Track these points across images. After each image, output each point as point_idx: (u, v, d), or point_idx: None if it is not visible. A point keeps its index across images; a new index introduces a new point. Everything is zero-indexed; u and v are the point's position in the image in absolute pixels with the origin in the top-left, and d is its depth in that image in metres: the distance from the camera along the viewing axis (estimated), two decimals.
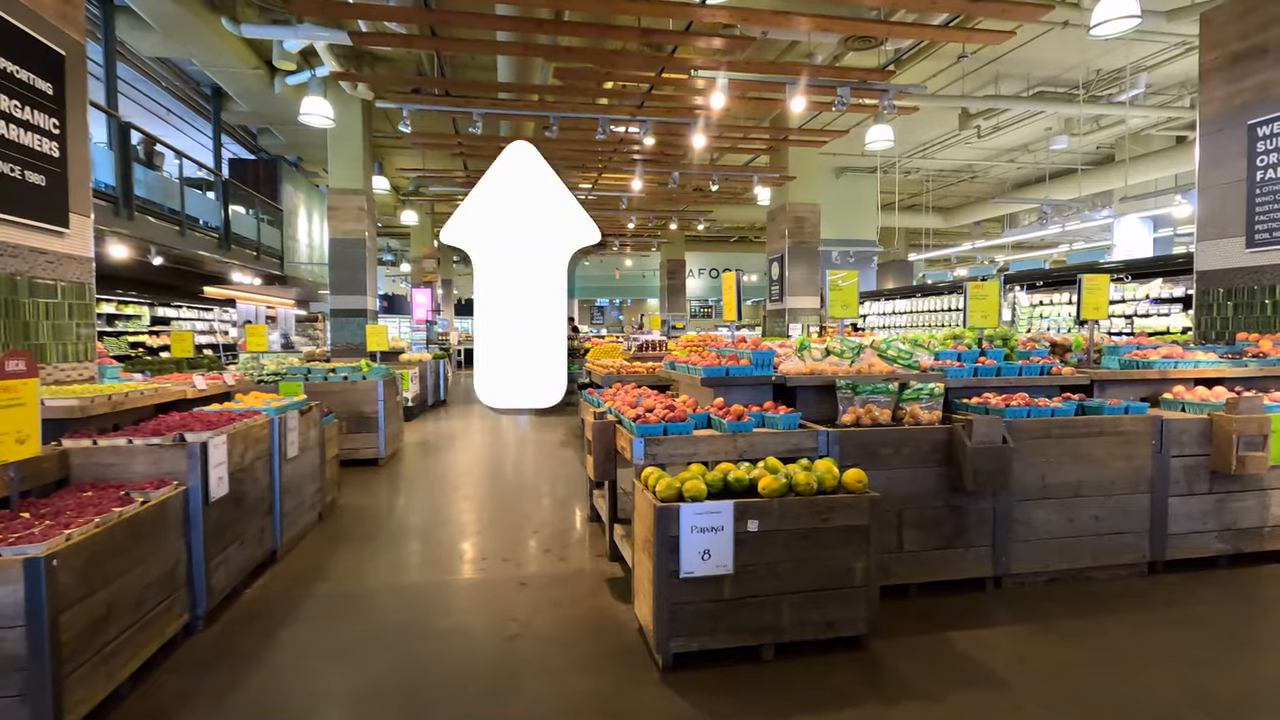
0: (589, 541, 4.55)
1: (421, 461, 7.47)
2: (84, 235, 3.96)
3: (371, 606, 3.54)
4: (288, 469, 4.30)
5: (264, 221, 14.58)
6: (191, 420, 3.53)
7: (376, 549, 4.48)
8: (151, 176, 10.54)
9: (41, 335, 3.61)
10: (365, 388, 7.05)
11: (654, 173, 11.09)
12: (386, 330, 8.16)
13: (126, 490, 2.89)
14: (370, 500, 5.78)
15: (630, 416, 3.42)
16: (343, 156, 11.05)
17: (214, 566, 3.29)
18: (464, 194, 13.80)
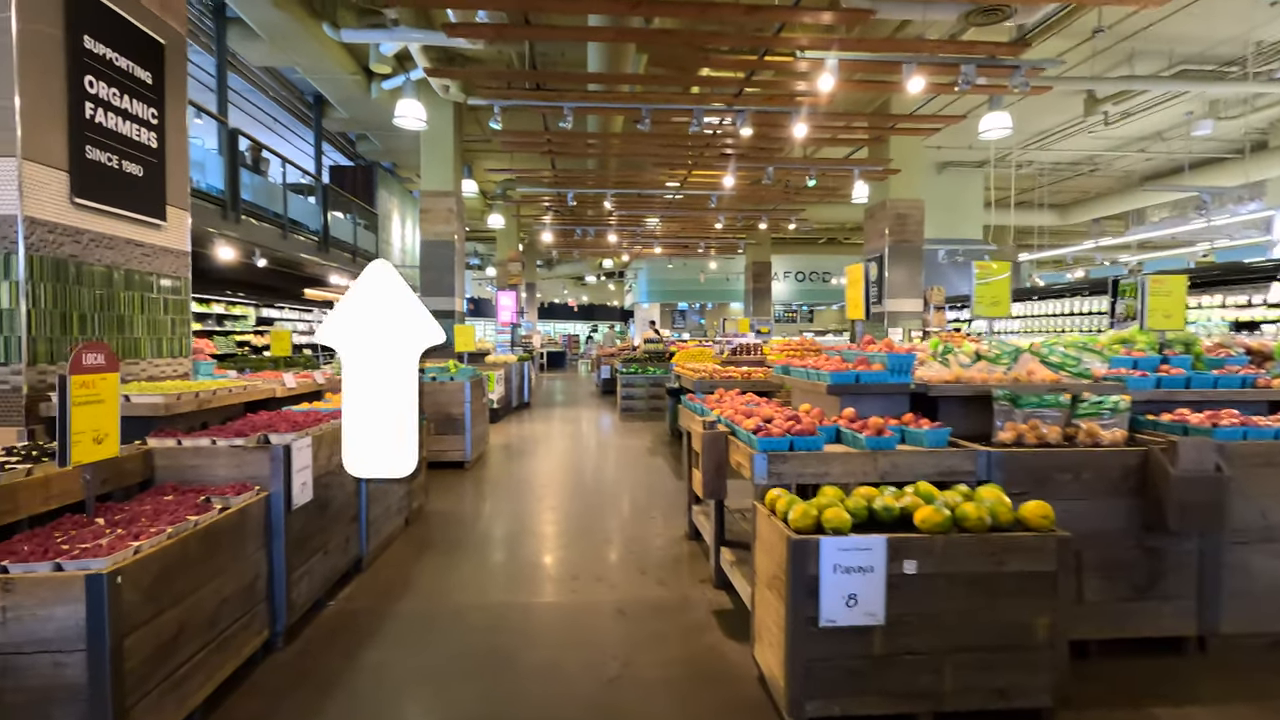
0: (689, 563, 4.12)
1: (507, 465, 7.26)
2: (181, 228, 3.88)
3: (457, 630, 3.23)
4: None
5: (360, 225, 15.01)
6: (277, 420, 3.34)
7: (463, 561, 4.21)
8: (257, 181, 10.94)
9: (137, 329, 3.52)
10: (452, 389, 6.90)
11: (747, 168, 10.56)
12: (474, 330, 8.03)
13: (207, 495, 2.68)
14: (456, 505, 5.57)
15: (748, 428, 2.96)
16: (434, 159, 11.13)
17: (296, 579, 3.07)
18: (550, 194, 13.73)
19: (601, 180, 12.75)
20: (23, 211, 2.81)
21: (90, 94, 3.15)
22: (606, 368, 15.86)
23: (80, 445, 2.25)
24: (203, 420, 3.36)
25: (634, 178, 12.79)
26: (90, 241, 3.18)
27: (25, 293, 2.82)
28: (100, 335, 3.24)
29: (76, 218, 3.09)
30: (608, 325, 29.82)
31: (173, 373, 3.82)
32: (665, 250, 20.77)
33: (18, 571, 1.90)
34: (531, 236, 23.03)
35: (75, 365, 2.24)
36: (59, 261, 2.99)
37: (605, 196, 12.64)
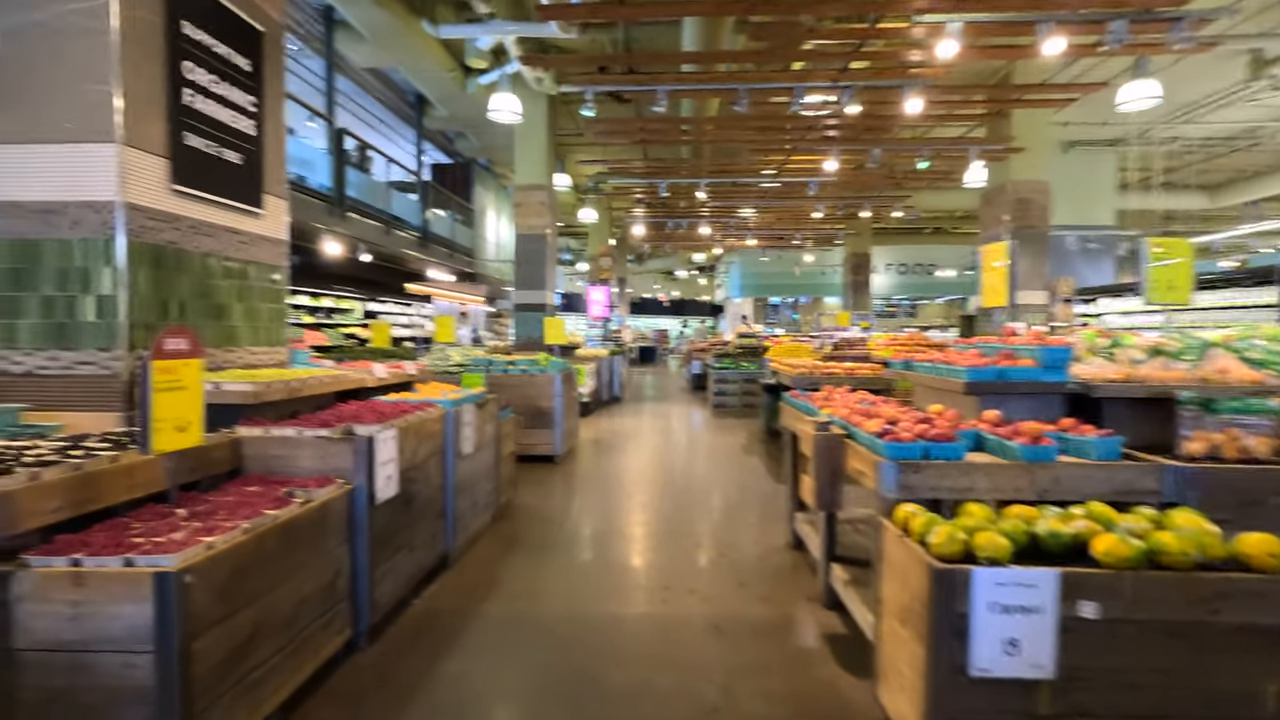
0: (792, 577, 3.74)
1: (597, 461, 7.08)
2: (278, 217, 3.88)
3: (543, 641, 3.02)
4: (462, 466, 3.97)
5: (458, 221, 15.38)
6: (364, 411, 3.24)
7: (550, 561, 4.02)
8: (362, 179, 11.33)
9: (234, 317, 3.53)
10: (543, 381, 6.78)
11: (851, 151, 9.90)
12: (564, 323, 7.92)
13: (290, 488, 2.58)
14: (545, 501, 5.42)
15: (870, 430, 2.56)
16: (527, 153, 11.15)
17: (379, 576, 2.94)
18: (642, 185, 13.51)
19: (695, 169, 12.39)
20: (123, 197, 2.81)
21: (189, 80, 3.14)
22: (698, 363, 15.52)
23: (162, 433, 2.17)
24: (294, 409, 3.31)
25: (728, 166, 12.35)
26: (189, 228, 3.17)
27: (125, 279, 2.82)
28: (198, 322, 3.24)
29: (175, 204, 3.09)
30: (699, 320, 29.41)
31: (269, 361, 3.83)
32: (759, 242, 20.12)
33: (89, 565, 1.81)
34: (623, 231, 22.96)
35: (157, 351, 2.15)
36: (158, 248, 2.99)
37: (698, 186, 12.26)
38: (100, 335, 2.82)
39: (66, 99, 2.78)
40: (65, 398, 2.85)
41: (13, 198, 2.82)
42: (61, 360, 2.85)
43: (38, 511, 1.90)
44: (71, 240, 2.81)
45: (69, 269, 2.82)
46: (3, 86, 2.81)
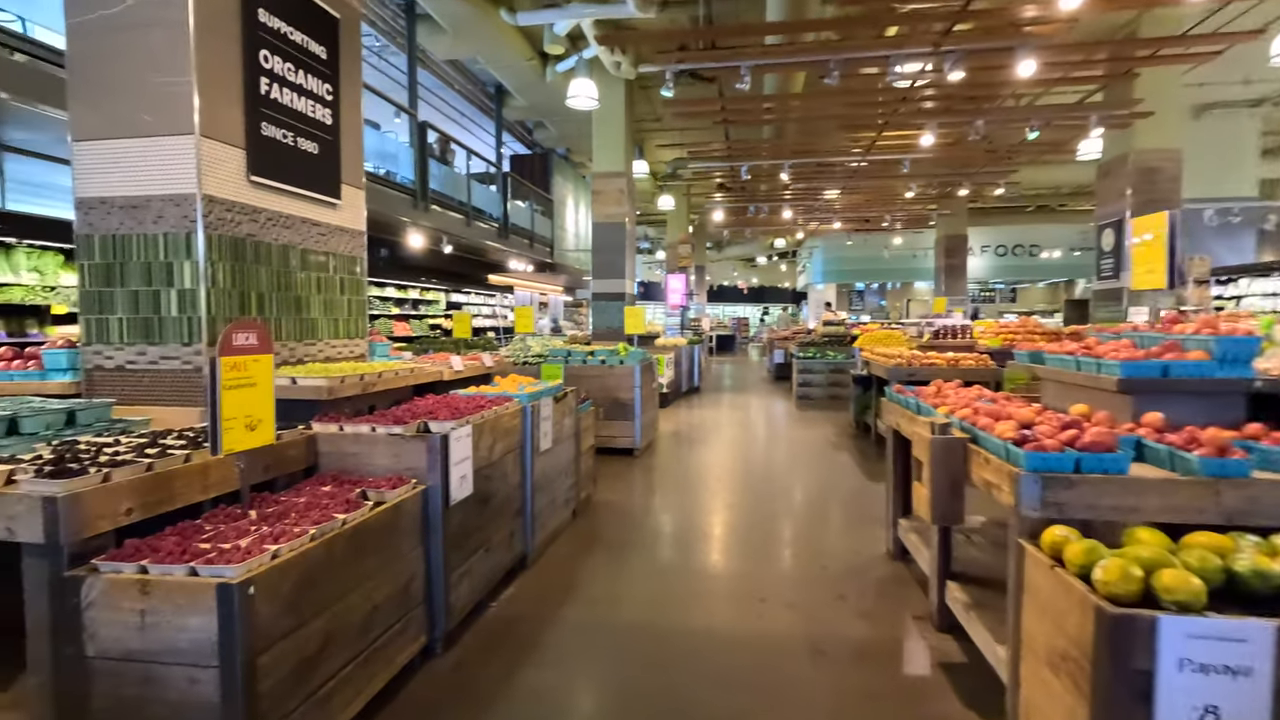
0: (897, 592, 3.38)
1: (677, 454, 6.85)
2: (356, 207, 3.83)
3: (626, 656, 2.81)
4: (540, 462, 3.82)
5: (537, 212, 15.45)
6: (439, 407, 3.12)
7: (631, 564, 3.82)
8: (444, 172, 11.48)
9: (313, 310, 3.49)
10: (622, 373, 6.60)
11: (950, 124, 9.16)
12: (644, 312, 7.71)
13: (362, 489, 2.47)
14: (625, 498, 5.23)
15: (1004, 436, 2.19)
16: (605, 140, 10.98)
17: (456, 580, 2.81)
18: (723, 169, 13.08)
19: (777, 150, 11.87)
20: (202, 190, 2.77)
21: (265, 69, 3.08)
22: (780, 352, 15.00)
23: (232, 432, 2.08)
24: (370, 404, 3.24)
25: (813, 145, 11.75)
26: (267, 220, 3.13)
27: (205, 272, 2.79)
28: (277, 316, 3.21)
29: (253, 196, 3.04)
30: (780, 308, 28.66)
31: (348, 354, 3.79)
32: (845, 225, 19.26)
33: (155, 573, 1.72)
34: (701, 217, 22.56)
35: (225, 346, 2.06)
36: (237, 240, 2.95)
37: (781, 168, 11.75)
38: (182, 330, 2.81)
39: (145, 92, 2.76)
40: (152, 392, 2.87)
41: (101, 194, 2.83)
42: (148, 355, 2.85)
43: (108, 514, 1.84)
44: (156, 234, 2.80)
45: (153, 263, 2.81)
46: (87, 84, 2.82)
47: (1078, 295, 25.00)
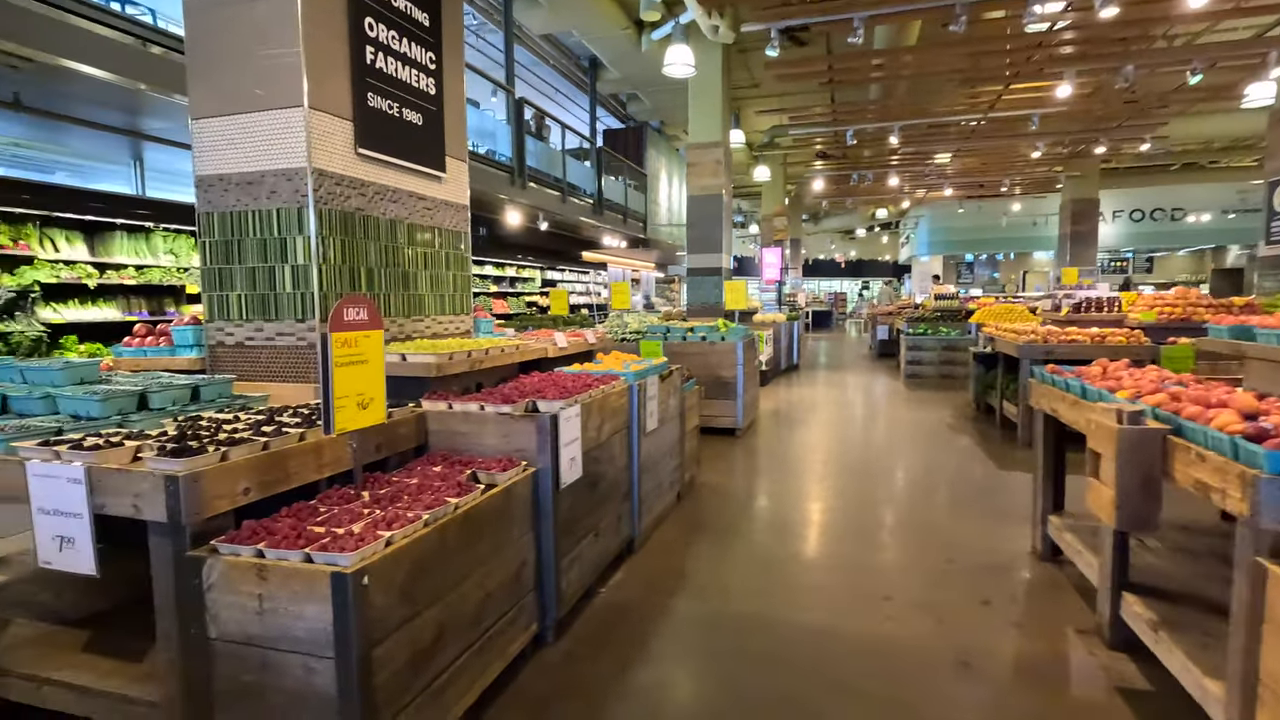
0: (1051, 597, 2.99)
1: (781, 435, 6.53)
2: (460, 181, 3.74)
3: (744, 651, 2.60)
4: (647, 444, 3.65)
5: (630, 187, 15.27)
6: (546, 385, 2.98)
7: (740, 551, 3.60)
8: (539, 148, 11.47)
9: (420, 286, 3.44)
10: (724, 349, 6.33)
11: (1094, 70, 8.17)
12: (745, 287, 7.39)
13: (473, 470, 2.37)
14: (728, 480, 5.00)
15: (1231, 429, 1.79)
16: (701, 109, 10.60)
17: (566, 566, 2.69)
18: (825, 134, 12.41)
19: (885, 112, 11.09)
20: (312, 164, 2.73)
21: (370, 37, 3.00)
22: (884, 328, 14.22)
23: (344, 410, 2.01)
24: (477, 380, 3.15)
25: (926, 105, 10.89)
26: (375, 194, 3.08)
27: (316, 247, 2.76)
28: (386, 291, 3.17)
29: (361, 169, 2.99)
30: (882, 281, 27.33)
31: (455, 330, 3.74)
32: (956, 192, 17.94)
33: (271, 558, 1.66)
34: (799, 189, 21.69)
35: (336, 322, 1.98)
36: (346, 215, 2.91)
37: (891, 131, 10.96)
38: (296, 306, 2.80)
39: (255, 66, 2.74)
40: (270, 369, 2.89)
41: (218, 171, 2.85)
42: (265, 331, 2.87)
43: (227, 494, 1.80)
44: (270, 210, 2.80)
45: (268, 239, 2.81)
46: (203, 62, 2.83)
47: (1229, 264, 22.32)
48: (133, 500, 1.73)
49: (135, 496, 1.72)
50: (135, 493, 1.72)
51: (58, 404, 2.24)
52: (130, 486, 1.73)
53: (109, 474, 1.75)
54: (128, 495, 1.73)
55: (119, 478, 1.74)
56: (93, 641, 2.19)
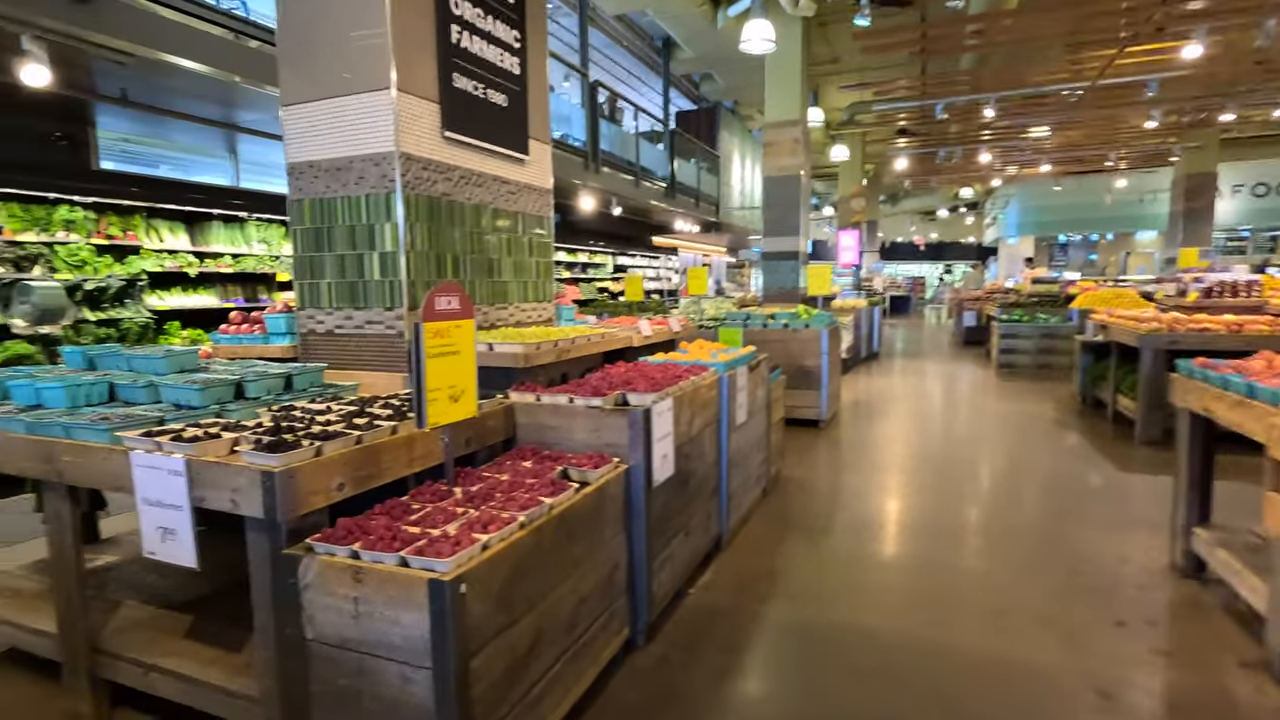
0: (1200, 619, 2.65)
1: (866, 427, 6.21)
2: (543, 164, 3.63)
3: (849, 668, 2.40)
4: (735, 438, 3.47)
5: (703, 169, 14.96)
6: (636, 377, 2.85)
7: (834, 551, 3.38)
8: (613, 131, 11.34)
9: (504, 272, 3.36)
10: (807, 337, 6.06)
11: (1228, 28, 7.33)
12: (829, 271, 7.05)
13: (564, 466, 2.26)
14: (814, 474, 4.77)
15: None
16: (779, 86, 10.20)
17: (657, 567, 2.56)
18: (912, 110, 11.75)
19: (978, 84, 10.37)
20: (399, 148, 2.66)
21: (455, 15, 2.90)
22: (971, 314, 13.46)
23: (436, 404, 1.92)
24: (562, 371, 3.05)
25: (1024, 74, 10.11)
26: (460, 178, 3.00)
27: (404, 234, 2.70)
28: (471, 278, 3.10)
29: (447, 153, 2.91)
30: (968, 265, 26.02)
31: (537, 318, 3.65)
32: (1055, 168, 16.73)
33: (366, 560, 1.58)
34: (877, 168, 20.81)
35: (429, 311, 1.89)
36: (432, 200, 2.84)
37: (986, 103, 10.25)
38: (384, 294, 2.76)
39: (343, 50, 2.68)
40: (359, 357, 2.87)
41: (308, 158, 2.83)
42: (354, 319, 2.85)
43: (321, 489, 1.74)
44: (358, 196, 2.75)
45: (356, 226, 2.77)
46: (293, 48, 2.81)
47: None
48: (230, 495, 1.69)
49: (233, 491, 1.68)
50: (233, 487, 1.68)
51: (160, 392, 2.26)
52: (228, 481, 1.69)
53: (207, 467, 1.72)
54: (226, 489, 1.69)
55: (217, 471, 1.70)
56: (196, 628, 2.20)
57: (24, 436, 2.04)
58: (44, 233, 5.27)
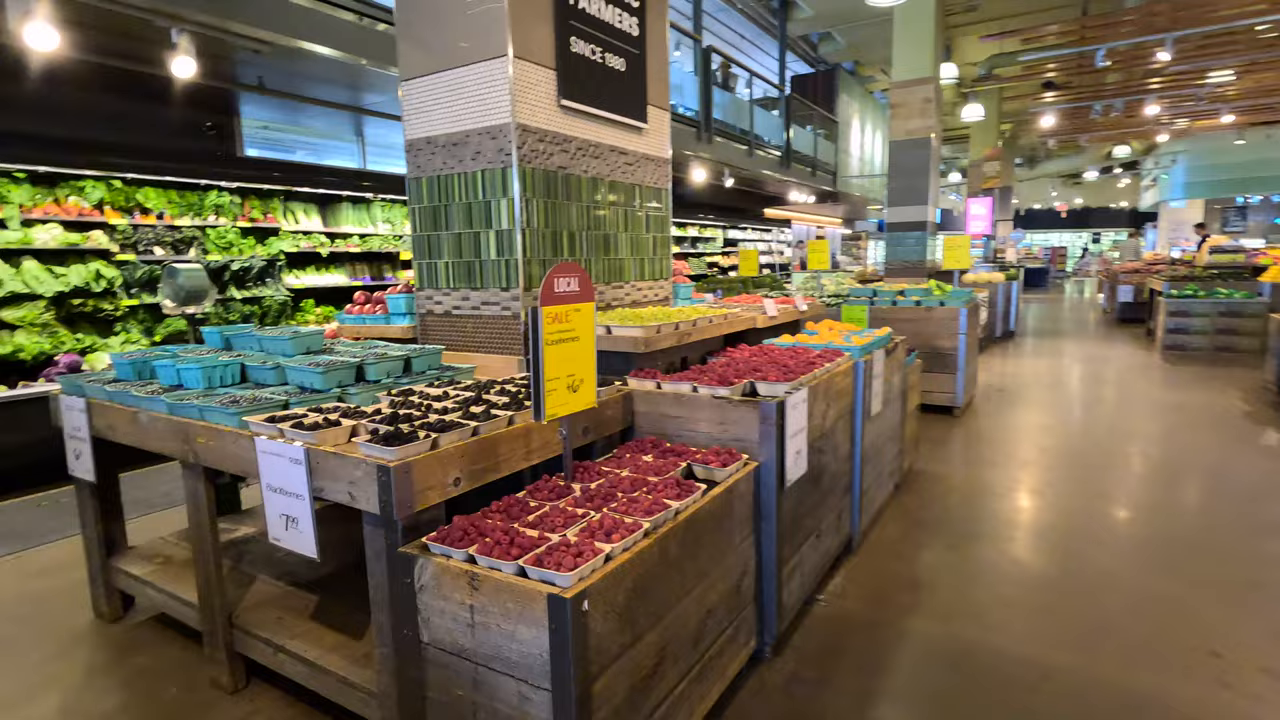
0: None
1: (1007, 415, 5.61)
2: (661, 132, 3.41)
3: (1027, 708, 2.08)
4: (870, 429, 3.15)
5: (820, 136, 14.17)
6: (764, 362, 2.60)
7: (983, 559, 3.00)
8: (726, 99, 10.89)
9: (621, 249, 3.19)
10: (943, 316, 5.51)
11: None
12: (968, 243, 6.38)
13: (689, 462, 2.06)
14: (950, 468, 4.32)
15: None
16: (909, 41, 9.36)
17: (787, 574, 2.33)
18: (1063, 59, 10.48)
19: (1148, 23, 9.03)
20: (515, 118, 2.52)
21: None
22: (1127, 288, 12.00)
23: (554, 394, 1.77)
24: (682, 355, 2.85)
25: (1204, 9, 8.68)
26: (577, 150, 2.83)
27: (520, 211, 2.57)
28: (586, 256, 2.94)
29: (564, 123, 2.75)
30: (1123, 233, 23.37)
31: (654, 297, 3.46)
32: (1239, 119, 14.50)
33: (482, 565, 1.46)
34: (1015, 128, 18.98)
35: (547, 294, 1.73)
36: (549, 174, 2.69)
37: (1162, 44, 8.92)
38: (501, 274, 2.65)
39: (461, 18, 2.56)
40: (475, 339, 2.79)
41: (425, 134, 2.76)
42: (471, 300, 2.77)
43: (437, 484, 1.64)
44: (475, 172, 2.65)
45: (473, 204, 2.68)
46: (411, 19, 2.72)
47: None
48: (348, 487, 1.62)
49: (350, 484, 1.61)
50: (350, 479, 1.61)
51: (286, 374, 2.26)
52: (345, 473, 1.62)
53: (326, 457, 1.66)
54: (343, 481, 1.63)
55: (335, 462, 1.64)
56: (321, 609, 2.22)
57: (166, 416, 2.09)
58: (197, 217, 5.68)
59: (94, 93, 5.18)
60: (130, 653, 2.44)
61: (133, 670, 2.33)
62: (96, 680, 2.28)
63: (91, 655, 2.43)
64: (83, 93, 5.13)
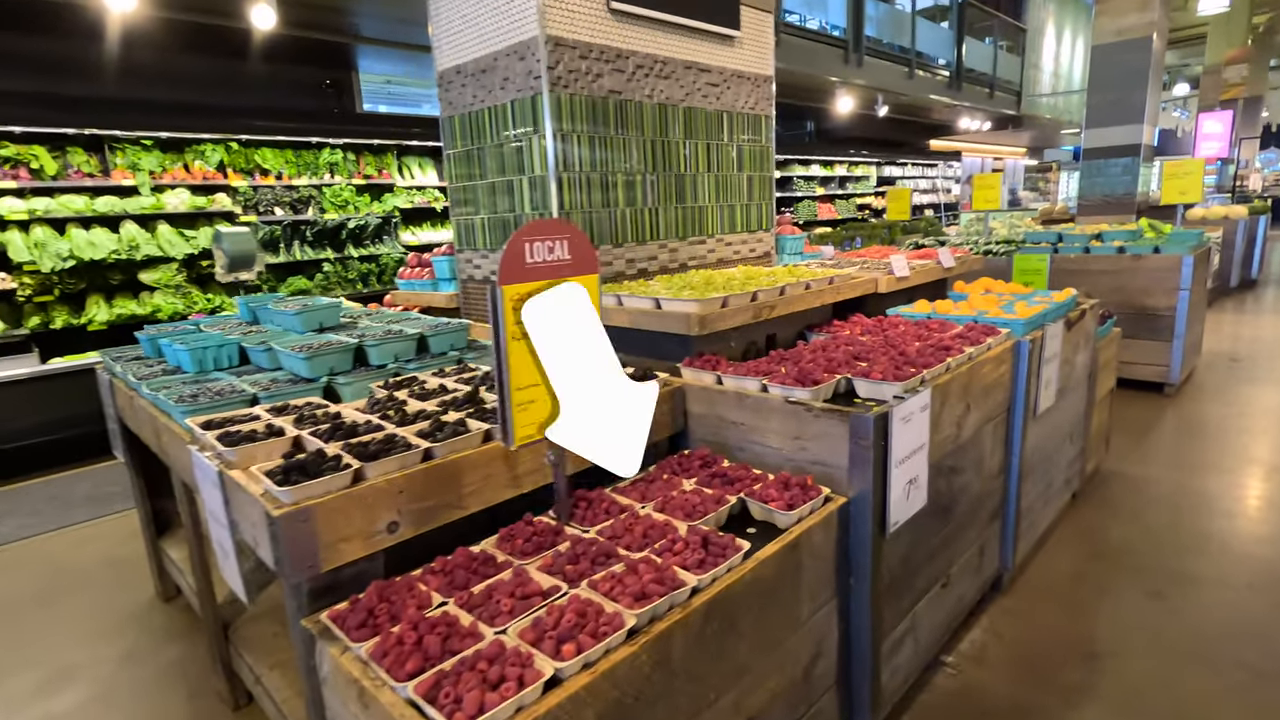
0: None
1: (1239, 396, 4.27)
2: (762, 40, 2.67)
3: None
4: (1035, 432, 2.32)
5: (1002, 48, 12.05)
6: (873, 347, 1.89)
7: (1195, 613, 2.12)
8: (880, 11, 9.43)
9: (701, 195, 2.55)
10: (1156, 267, 4.26)
11: None
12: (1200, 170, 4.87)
13: (742, 494, 1.47)
14: (1154, 471, 3.28)
15: None
16: None
17: (890, 648, 1.68)
18: None
19: None
20: (544, 29, 1.96)
21: None
22: None
23: (531, 409, 1.26)
24: (769, 333, 2.20)
25: None
26: (636, 69, 2.22)
27: (553, 148, 2.03)
28: (651, 205, 2.35)
29: (616, 34, 2.14)
30: None
31: (749, 254, 2.79)
32: None
33: (372, 679, 1.00)
34: (1273, 19, 15.08)
35: (511, 266, 1.20)
36: (595, 102, 2.11)
37: None
38: None
39: None
40: None
41: (455, 62, 2.28)
42: None
43: (359, 534, 1.20)
44: (504, 104, 2.14)
45: (505, 146, 2.18)
46: None
47: None
48: (252, 530, 1.23)
49: (253, 525, 1.22)
50: (252, 521, 1.22)
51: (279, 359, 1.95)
52: (249, 511, 1.23)
53: (236, 488, 1.28)
54: (248, 521, 1.24)
55: (241, 496, 1.25)
56: None
57: (146, 404, 1.85)
58: (314, 176, 5.73)
59: (213, 57, 5.29)
60: (167, 642, 2.34)
61: (159, 667, 2.21)
62: (124, 672, 2.19)
63: (134, 641, 2.36)
64: (200, 56, 5.26)
